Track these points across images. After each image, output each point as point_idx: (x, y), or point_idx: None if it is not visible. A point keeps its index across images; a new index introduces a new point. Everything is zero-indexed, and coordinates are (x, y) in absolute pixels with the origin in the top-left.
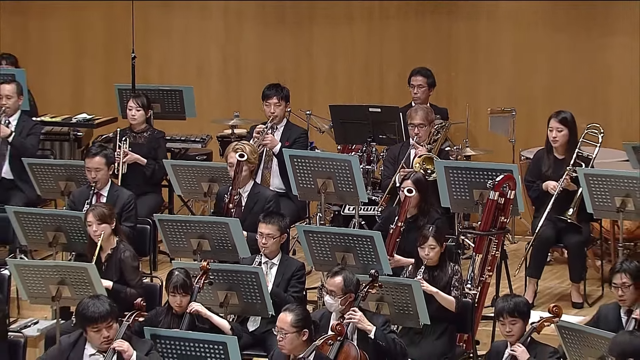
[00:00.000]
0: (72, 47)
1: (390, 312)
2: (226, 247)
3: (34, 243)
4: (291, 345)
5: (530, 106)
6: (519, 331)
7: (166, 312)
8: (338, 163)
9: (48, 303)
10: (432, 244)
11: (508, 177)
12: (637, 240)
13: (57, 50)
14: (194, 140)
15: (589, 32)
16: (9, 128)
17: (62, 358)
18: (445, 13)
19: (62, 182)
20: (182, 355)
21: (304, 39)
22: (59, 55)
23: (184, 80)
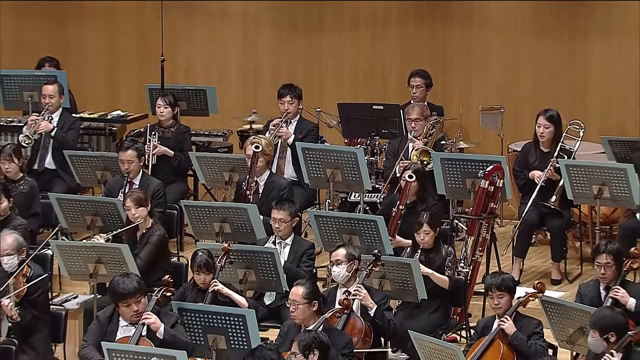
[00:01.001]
0: (107, 52)
1: (392, 288)
2: (245, 230)
3: (73, 226)
4: (303, 315)
5: (517, 104)
6: (506, 304)
7: (192, 288)
8: (345, 155)
9: (86, 279)
10: (426, 229)
11: (497, 167)
12: (612, 224)
13: (94, 54)
14: (216, 135)
15: (570, 38)
16: (52, 124)
17: (101, 331)
18: (441, 20)
19: (99, 171)
20: (206, 327)
21: (314, 44)
22: (95, 58)
23: (207, 81)
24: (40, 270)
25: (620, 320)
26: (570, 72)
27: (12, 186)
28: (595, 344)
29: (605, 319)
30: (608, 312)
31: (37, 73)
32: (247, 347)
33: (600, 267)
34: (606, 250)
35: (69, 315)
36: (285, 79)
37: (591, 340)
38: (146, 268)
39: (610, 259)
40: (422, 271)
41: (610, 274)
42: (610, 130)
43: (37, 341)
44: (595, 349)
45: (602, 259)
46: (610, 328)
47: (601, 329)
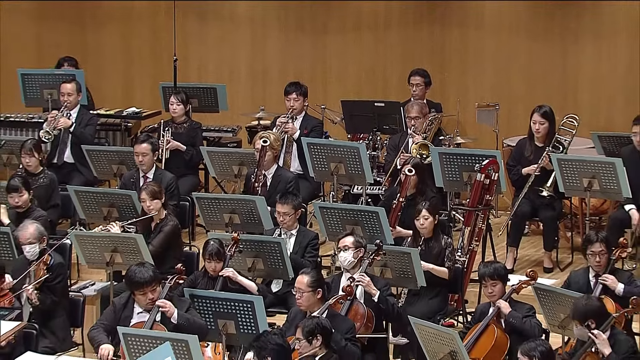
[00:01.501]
0: (123, 52)
1: (393, 276)
2: (253, 220)
3: (91, 217)
4: (308, 302)
5: (511, 102)
6: (500, 292)
7: (203, 275)
8: (348, 149)
9: (103, 267)
10: (425, 214)
11: (492, 161)
12: (601, 214)
13: (111, 54)
14: (226, 130)
15: (561, 39)
16: (70, 120)
17: (115, 317)
18: (439, 23)
19: (115, 165)
20: (216, 313)
21: (319, 45)
22: (112, 58)
23: (217, 80)
24: (59, 259)
25: (594, 306)
26: (561, 71)
27: (32, 179)
28: (580, 333)
29: (581, 308)
30: (582, 302)
31: (57, 72)
32: (255, 331)
33: (595, 255)
34: (599, 239)
35: (86, 301)
36: (292, 78)
37: (576, 331)
38: (158, 255)
39: (603, 246)
40: (423, 267)
41: (604, 262)
42: (600, 126)
43: (56, 325)
44: (582, 337)
45: (596, 247)
46: (587, 315)
47: (580, 319)
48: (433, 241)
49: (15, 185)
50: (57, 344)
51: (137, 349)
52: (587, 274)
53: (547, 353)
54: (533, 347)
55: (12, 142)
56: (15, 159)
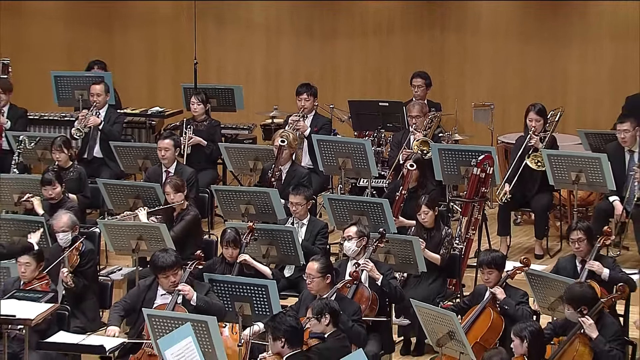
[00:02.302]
0: (148, 55)
1: (395, 262)
2: (267, 211)
3: (118, 207)
4: (317, 287)
5: (505, 102)
6: (495, 278)
7: (221, 261)
8: (355, 145)
9: (129, 254)
10: (425, 210)
11: (488, 156)
12: (588, 205)
13: (136, 57)
14: (242, 128)
15: (551, 44)
16: (99, 118)
17: (140, 297)
18: (439, 28)
19: (140, 160)
20: (233, 296)
21: (328, 49)
22: (137, 61)
23: (235, 81)
24: (90, 246)
25: (589, 294)
26: (551, 73)
27: (63, 173)
28: (571, 316)
29: (576, 295)
30: (577, 288)
31: (87, 74)
32: (269, 313)
33: (574, 242)
34: (577, 227)
35: (114, 285)
36: (303, 79)
37: (567, 313)
38: (179, 241)
39: (581, 234)
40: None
41: (584, 248)
42: (586, 124)
43: (86, 307)
44: (573, 319)
45: (574, 235)
46: (581, 302)
47: (574, 304)
48: (435, 231)
49: (49, 179)
50: (87, 324)
51: (160, 329)
52: (574, 260)
53: (536, 333)
54: (524, 327)
55: (46, 139)
56: (48, 154)
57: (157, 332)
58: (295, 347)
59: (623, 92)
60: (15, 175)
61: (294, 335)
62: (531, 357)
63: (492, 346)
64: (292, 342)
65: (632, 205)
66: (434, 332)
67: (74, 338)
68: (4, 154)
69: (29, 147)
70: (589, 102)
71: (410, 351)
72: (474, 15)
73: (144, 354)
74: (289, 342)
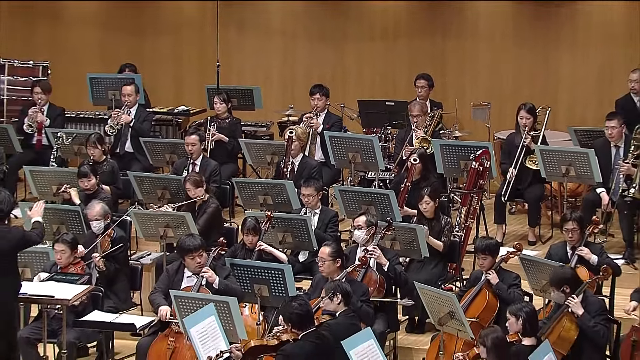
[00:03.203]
0: (175, 59)
1: (400, 247)
2: (284, 201)
3: (147, 198)
4: (329, 270)
5: (501, 101)
6: (489, 264)
7: (241, 247)
8: (363, 141)
9: (157, 240)
10: (427, 200)
11: (485, 151)
12: (576, 196)
13: (164, 61)
14: (260, 125)
15: (543, 48)
16: (130, 116)
17: (169, 280)
18: (440, 34)
19: (167, 154)
20: (252, 279)
21: (339, 53)
22: (165, 64)
23: (254, 82)
24: (121, 233)
25: (568, 274)
26: (543, 75)
27: (97, 166)
28: (557, 297)
29: (557, 276)
30: (559, 270)
31: (119, 76)
32: (285, 294)
33: (568, 231)
34: (572, 218)
35: (143, 268)
36: (316, 81)
37: (553, 295)
38: (203, 231)
39: (575, 224)
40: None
41: (577, 237)
42: (575, 121)
43: (119, 289)
44: (558, 301)
45: (569, 225)
46: (562, 282)
47: (556, 284)
48: (435, 221)
49: (85, 172)
50: (119, 304)
51: (186, 309)
52: (565, 246)
53: (531, 313)
54: (519, 307)
55: (82, 135)
56: (84, 149)
57: (183, 312)
58: (301, 329)
59: (609, 92)
60: (54, 169)
61: (298, 320)
62: (525, 334)
63: (487, 324)
64: (298, 327)
65: (617, 196)
66: (436, 311)
67: (107, 317)
68: (44, 149)
69: (66, 142)
70: (578, 101)
71: (414, 329)
72: (472, 22)
73: (171, 331)
74: (295, 326)
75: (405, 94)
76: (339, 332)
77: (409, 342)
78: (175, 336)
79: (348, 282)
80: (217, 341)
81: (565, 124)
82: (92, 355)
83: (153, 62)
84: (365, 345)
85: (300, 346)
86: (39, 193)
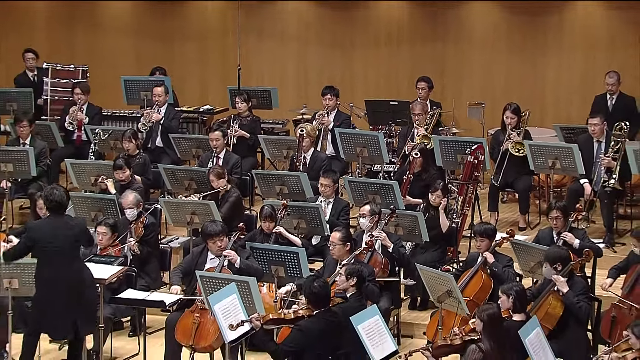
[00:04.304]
0: (201, 63)
1: (403, 233)
2: (298, 191)
3: (175, 188)
4: (339, 252)
5: (494, 101)
6: (486, 246)
7: (260, 232)
8: (370, 137)
9: (184, 226)
10: (439, 194)
11: (480, 147)
12: (562, 187)
13: (191, 64)
14: (277, 123)
15: (532, 53)
16: (160, 115)
17: (193, 261)
18: (440, 41)
19: (194, 149)
20: (270, 260)
21: (347, 57)
22: (192, 67)
23: (271, 84)
24: (152, 219)
25: (564, 254)
26: (532, 78)
27: (131, 160)
28: (547, 272)
29: (554, 253)
30: (556, 249)
31: (150, 78)
32: (300, 275)
33: (553, 219)
34: (555, 207)
35: (172, 251)
36: (327, 82)
37: (545, 269)
38: (226, 218)
39: (559, 213)
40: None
41: (560, 223)
42: (561, 119)
43: (150, 269)
44: (548, 275)
45: (553, 213)
46: (557, 260)
47: (551, 261)
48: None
49: (120, 164)
50: (150, 283)
51: (209, 287)
52: (552, 232)
53: (521, 292)
54: (510, 287)
55: (117, 132)
56: (119, 144)
57: (207, 290)
58: (318, 307)
59: (591, 93)
60: (92, 162)
61: (315, 299)
62: (515, 311)
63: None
64: (315, 304)
65: (599, 187)
66: (435, 290)
67: (140, 294)
68: (83, 144)
69: (103, 138)
70: (562, 101)
71: (415, 307)
72: (468, 29)
73: (197, 308)
74: (312, 304)
75: (407, 94)
76: (349, 313)
77: (410, 317)
78: (200, 312)
79: (356, 264)
80: (239, 316)
81: (551, 122)
82: (126, 329)
83: (181, 65)
84: (372, 320)
85: (315, 322)
86: (78, 184)
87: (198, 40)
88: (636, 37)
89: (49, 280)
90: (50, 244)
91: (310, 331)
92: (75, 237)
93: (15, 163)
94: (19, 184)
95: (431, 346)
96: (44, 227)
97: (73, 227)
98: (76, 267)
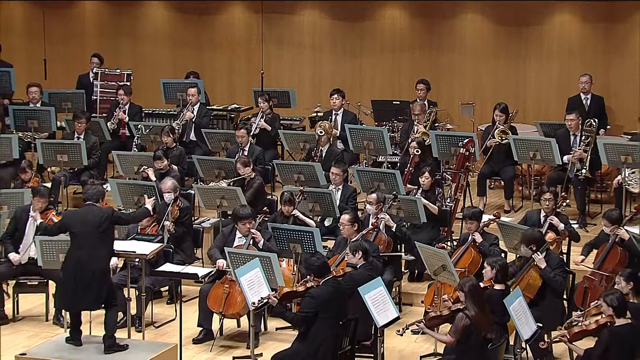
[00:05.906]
0: (228, 67)
1: (404, 215)
2: (313, 179)
3: (207, 176)
4: (348, 232)
5: (483, 101)
6: (475, 227)
7: (280, 215)
8: (375, 132)
9: (215, 209)
10: (426, 175)
11: (470, 140)
12: (541, 175)
13: (220, 69)
14: (295, 119)
15: (516, 60)
16: (193, 113)
17: (224, 240)
18: (436, 49)
19: (223, 142)
20: (289, 238)
21: (356, 63)
22: (221, 72)
23: (289, 86)
24: (187, 203)
25: (536, 235)
26: (515, 81)
27: (169, 151)
28: (524, 252)
29: (526, 236)
30: (529, 232)
31: (185, 81)
32: (314, 251)
33: (545, 200)
34: (549, 190)
35: (204, 231)
36: (338, 85)
37: (523, 250)
38: (251, 202)
39: (551, 195)
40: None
41: (552, 205)
42: (540, 117)
43: (185, 247)
44: (526, 255)
45: (546, 195)
46: (530, 241)
47: (526, 242)
48: (430, 192)
49: (159, 155)
50: (185, 258)
51: (237, 262)
52: (539, 214)
53: (503, 265)
54: (495, 260)
55: (157, 127)
56: (158, 138)
57: (235, 264)
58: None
59: (567, 94)
60: (135, 153)
61: (317, 270)
62: (497, 281)
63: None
64: (319, 275)
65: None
66: (432, 265)
67: (176, 268)
68: (127, 138)
69: (144, 133)
70: (542, 101)
71: (414, 279)
72: (460, 39)
73: (227, 279)
74: (316, 275)
75: (408, 95)
76: (360, 280)
77: (410, 288)
78: (229, 283)
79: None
80: (261, 287)
81: (533, 119)
82: (165, 298)
83: (211, 70)
84: (377, 290)
85: (322, 289)
86: (124, 172)
87: (226, 47)
88: (604, 45)
89: (74, 259)
90: (79, 230)
91: (320, 295)
92: (99, 225)
93: (70, 154)
94: (73, 173)
95: (424, 319)
96: (75, 215)
97: (100, 216)
98: (100, 252)
